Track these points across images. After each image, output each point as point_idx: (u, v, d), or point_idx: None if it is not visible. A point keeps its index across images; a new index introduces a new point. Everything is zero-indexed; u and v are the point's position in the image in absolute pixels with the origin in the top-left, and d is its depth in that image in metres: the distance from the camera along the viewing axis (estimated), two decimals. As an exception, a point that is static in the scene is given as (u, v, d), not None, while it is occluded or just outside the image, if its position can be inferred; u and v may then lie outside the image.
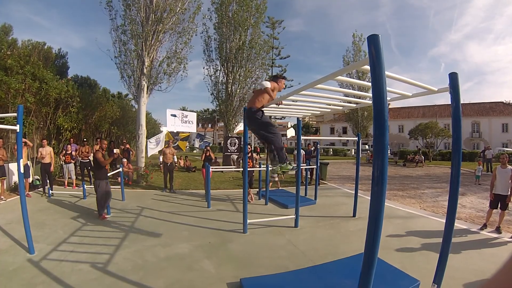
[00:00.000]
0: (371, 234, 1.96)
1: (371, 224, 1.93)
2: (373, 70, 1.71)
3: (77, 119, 12.07)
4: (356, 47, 31.11)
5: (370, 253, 2.01)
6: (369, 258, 2.01)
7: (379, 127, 1.77)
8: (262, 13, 16.35)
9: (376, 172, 1.84)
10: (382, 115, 1.74)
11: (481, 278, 3.76)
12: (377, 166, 1.84)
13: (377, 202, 1.90)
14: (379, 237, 1.98)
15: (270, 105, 3.90)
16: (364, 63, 1.83)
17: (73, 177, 9.35)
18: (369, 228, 1.98)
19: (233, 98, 15.89)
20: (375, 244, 1.97)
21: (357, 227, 5.98)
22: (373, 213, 1.92)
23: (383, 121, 1.75)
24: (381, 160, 1.81)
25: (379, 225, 1.93)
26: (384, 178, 1.86)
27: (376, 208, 1.90)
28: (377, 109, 1.76)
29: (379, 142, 1.80)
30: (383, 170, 1.83)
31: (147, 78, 10.97)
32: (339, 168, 19.80)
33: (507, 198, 5.74)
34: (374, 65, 1.71)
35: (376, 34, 1.70)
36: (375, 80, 1.71)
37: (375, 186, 1.89)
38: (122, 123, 16.67)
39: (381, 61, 1.69)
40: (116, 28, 10.77)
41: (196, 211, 7.04)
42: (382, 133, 1.77)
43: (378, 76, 1.70)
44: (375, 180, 1.87)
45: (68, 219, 5.96)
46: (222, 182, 11.50)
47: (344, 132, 49.89)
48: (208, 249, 4.56)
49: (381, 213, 1.91)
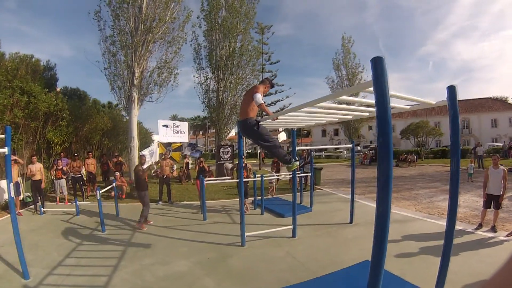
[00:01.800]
0: (378, 242, 1.97)
1: (378, 230, 1.93)
2: (378, 92, 1.70)
3: (67, 133, 11.88)
4: (345, 50, 31.42)
5: (376, 263, 2.00)
6: (376, 268, 2.00)
7: (385, 148, 1.77)
8: (251, 19, 16.39)
9: (382, 177, 1.85)
10: (387, 138, 1.74)
11: (479, 280, 3.77)
12: (382, 179, 1.84)
13: (384, 208, 1.89)
14: (385, 246, 1.98)
15: (265, 120, 3.88)
16: (368, 85, 1.81)
17: (65, 193, 9.15)
18: (375, 236, 1.97)
19: (224, 106, 15.83)
20: (381, 252, 1.96)
21: (355, 234, 5.99)
22: (380, 221, 1.92)
23: (387, 142, 1.76)
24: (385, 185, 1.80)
25: (385, 233, 1.92)
26: (389, 188, 1.87)
27: (382, 216, 1.89)
28: (382, 131, 1.76)
29: (384, 170, 1.79)
30: (388, 184, 1.83)
31: (138, 89, 10.85)
32: (332, 172, 19.82)
33: (499, 197, 5.84)
34: (378, 87, 1.70)
35: (380, 57, 1.69)
36: (380, 103, 1.70)
37: (380, 192, 1.90)
38: (113, 134, 16.45)
39: (385, 83, 1.68)
40: (105, 39, 10.66)
41: (193, 224, 6.96)
42: (387, 156, 1.77)
43: (382, 98, 1.69)
44: (380, 186, 1.88)
45: (62, 239, 5.81)
46: (216, 192, 11.38)
47: (335, 134, 50.11)
48: (207, 266, 4.50)
49: (387, 220, 1.90)
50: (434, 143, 31.71)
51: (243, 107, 3.98)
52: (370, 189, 11.84)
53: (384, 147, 1.78)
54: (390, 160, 1.84)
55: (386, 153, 1.77)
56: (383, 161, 1.80)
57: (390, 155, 1.80)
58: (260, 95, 3.62)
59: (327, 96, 2.19)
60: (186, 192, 11.55)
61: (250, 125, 3.82)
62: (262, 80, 4.12)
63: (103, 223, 6.31)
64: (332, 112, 3.38)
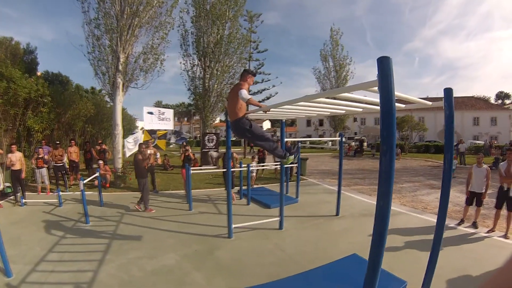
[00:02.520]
0: (377, 238, 2.01)
1: (378, 225, 1.97)
2: (383, 92, 1.65)
3: (48, 119, 11.42)
4: (334, 41, 31.41)
5: (375, 259, 2.02)
6: (374, 265, 2.01)
7: (388, 146, 1.75)
8: (241, 7, 16.04)
9: (384, 172, 1.85)
10: (390, 137, 1.72)
11: (462, 275, 3.91)
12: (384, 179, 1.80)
13: (384, 203, 1.92)
14: (384, 242, 2.00)
15: (257, 111, 3.79)
16: (372, 85, 1.75)
17: (46, 183, 8.78)
18: (375, 231, 2.01)
19: (210, 93, 15.58)
20: (380, 247, 1.99)
21: (342, 227, 6.06)
22: (380, 216, 1.95)
23: (391, 140, 1.73)
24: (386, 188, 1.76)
25: (385, 228, 1.95)
26: (391, 183, 1.87)
27: (383, 211, 1.89)
28: (386, 132, 1.73)
29: (386, 165, 1.76)
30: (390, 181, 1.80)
31: (123, 75, 10.49)
32: (317, 162, 20.00)
33: (482, 195, 6.01)
34: (385, 87, 1.64)
35: (386, 57, 1.63)
36: (385, 105, 1.65)
37: (382, 187, 1.91)
38: (96, 120, 16.00)
39: (391, 83, 1.62)
40: (89, 21, 10.15)
41: (178, 214, 6.85)
42: (390, 158, 1.73)
43: (387, 99, 1.64)
44: (382, 181, 1.89)
45: (45, 233, 5.56)
46: (201, 180, 11.27)
47: (320, 125, 50.48)
48: (195, 259, 4.44)
49: (388, 215, 1.93)
50: (418, 138, 32.44)
51: (230, 108, 3.82)
52: (355, 181, 12.03)
53: (388, 143, 1.78)
54: (393, 156, 1.84)
55: (390, 148, 1.77)
56: (386, 155, 1.80)
57: (393, 151, 1.80)
58: (245, 91, 3.49)
59: (328, 92, 2.11)
60: (171, 180, 11.39)
61: (243, 126, 3.69)
62: (242, 74, 3.96)
63: (87, 215, 6.10)
64: (325, 107, 3.32)
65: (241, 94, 3.42)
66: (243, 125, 3.66)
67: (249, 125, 3.68)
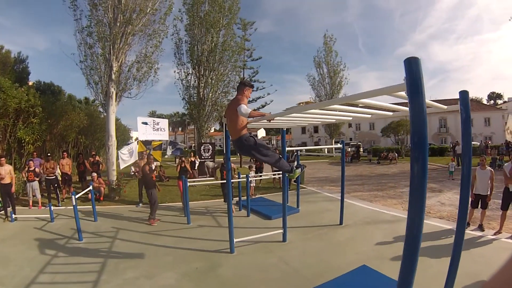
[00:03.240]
0: (408, 259, 1.77)
1: (409, 242, 1.75)
2: (413, 97, 1.48)
3: (40, 131, 11.07)
4: (327, 48, 31.59)
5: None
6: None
7: (421, 152, 1.59)
8: (235, 14, 16.02)
9: (416, 178, 1.68)
10: (422, 145, 1.56)
11: (475, 281, 3.74)
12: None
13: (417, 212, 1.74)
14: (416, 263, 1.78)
15: (261, 121, 3.59)
16: (399, 89, 1.58)
17: (38, 196, 8.41)
18: (406, 249, 1.79)
19: (205, 102, 15.43)
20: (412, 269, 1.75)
21: (347, 237, 5.85)
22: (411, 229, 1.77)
23: (424, 148, 1.59)
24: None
25: (417, 246, 1.74)
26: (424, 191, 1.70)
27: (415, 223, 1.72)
28: (418, 139, 1.57)
29: (418, 171, 1.62)
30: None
31: (116, 84, 10.25)
32: (314, 169, 19.82)
33: (487, 197, 5.94)
34: (415, 90, 1.47)
35: (415, 57, 1.46)
36: (415, 110, 1.49)
37: (413, 194, 1.75)
38: (90, 131, 15.64)
39: (421, 86, 1.46)
40: (81, 29, 9.96)
41: (176, 229, 6.58)
42: (423, 166, 1.57)
43: (418, 103, 1.48)
44: (413, 188, 1.73)
45: (36, 251, 5.22)
46: (198, 191, 11.00)
47: (315, 131, 50.51)
48: (196, 277, 4.17)
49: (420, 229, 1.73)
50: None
51: (231, 125, 3.64)
52: (354, 188, 11.87)
53: (420, 148, 1.61)
54: (425, 162, 1.65)
55: (422, 155, 1.60)
56: (418, 162, 1.63)
57: (425, 158, 1.62)
58: (244, 105, 3.31)
59: (347, 97, 1.94)
60: (167, 192, 11.08)
61: (247, 144, 3.50)
62: (238, 88, 3.79)
63: (80, 231, 5.78)
64: (337, 114, 3.14)
65: (240, 111, 3.23)
66: (247, 142, 3.48)
67: (254, 143, 3.48)
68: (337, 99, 1.97)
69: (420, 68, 1.49)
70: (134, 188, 10.38)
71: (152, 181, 7.17)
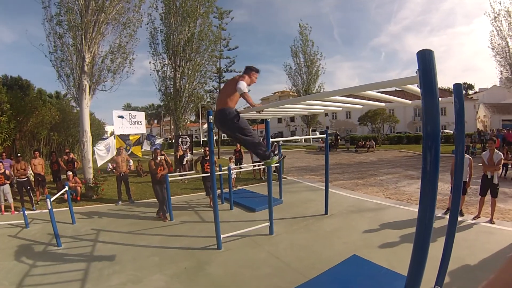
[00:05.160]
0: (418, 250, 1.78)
1: (420, 234, 1.73)
2: (426, 90, 1.40)
3: (8, 129, 10.33)
4: (303, 37, 31.50)
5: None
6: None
7: (434, 142, 1.53)
8: (212, 3, 15.56)
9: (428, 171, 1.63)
10: (435, 135, 1.50)
11: (461, 265, 3.89)
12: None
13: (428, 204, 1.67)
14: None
15: (250, 111, 3.45)
16: (411, 81, 1.50)
17: (10, 201, 7.81)
18: (416, 241, 1.81)
19: (182, 93, 14.98)
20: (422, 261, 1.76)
21: (333, 227, 5.87)
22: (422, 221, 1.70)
23: (436, 139, 1.53)
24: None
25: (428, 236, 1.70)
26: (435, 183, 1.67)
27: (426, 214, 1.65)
28: (431, 129, 1.51)
29: (431, 163, 1.57)
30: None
31: (89, 77, 9.65)
32: (292, 159, 19.97)
33: (466, 184, 6.11)
34: (428, 83, 1.39)
35: (429, 50, 1.39)
36: (428, 103, 1.42)
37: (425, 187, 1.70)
38: (63, 127, 14.87)
39: (435, 78, 1.38)
40: (50, 18, 9.24)
41: (159, 226, 6.36)
42: (436, 157, 1.49)
43: (431, 96, 1.41)
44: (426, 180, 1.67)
45: (12, 261, 4.78)
46: (178, 186, 10.76)
47: (291, 121, 50.91)
48: (186, 278, 4.00)
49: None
50: (389, 130, 33.54)
51: (221, 97, 3.52)
52: (335, 176, 12.01)
53: (432, 140, 1.55)
54: (438, 152, 1.61)
55: (435, 146, 1.54)
56: (431, 151, 1.59)
57: (438, 149, 1.58)
58: (245, 83, 3.18)
59: (346, 89, 1.83)
60: (146, 188, 10.72)
61: (229, 116, 3.36)
62: (244, 70, 3.66)
63: (58, 236, 5.39)
64: (324, 104, 3.05)
65: (239, 84, 3.12)
66: (229, 114, 3.35)
67: (236, 117, 3.36)
68: (340, 90, 1.86)
69: (434, 60, 1.43)
70: (112, 185, 9.95)
71: (155, 177, 6.91)
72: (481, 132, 22.38)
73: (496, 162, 5.86)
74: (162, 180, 6.94)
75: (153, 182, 6.96)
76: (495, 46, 18.86)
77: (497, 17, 18.25)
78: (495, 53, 18.98)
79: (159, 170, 6.89)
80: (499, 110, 36.84)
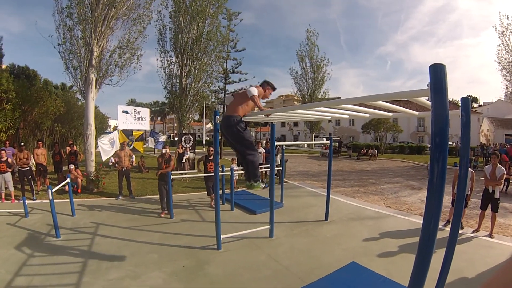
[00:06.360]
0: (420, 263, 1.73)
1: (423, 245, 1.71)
2: (437, 104, 1.42)
3: (13, 118, 10.38)
4: (310, 42, 31.63)
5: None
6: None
7: (441, 153, 1.54)
8: (222, 3, 15.63)
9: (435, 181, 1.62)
10: (443, 146, 1.52)
11: (459, 277, 3.87)
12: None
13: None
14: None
15: (258, 114, 3.47)
16: (422, 94, 1.52)
17: (11, 189, 7.83)
18: (419, 254, 1.76)
19: (187, 92, 15.05)
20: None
21: (333, 233, 5.87)
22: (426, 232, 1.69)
23: (444, 151, 1.54)
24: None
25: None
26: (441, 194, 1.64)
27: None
28: (440, 140, 1.55)
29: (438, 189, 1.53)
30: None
31: (96, 70, 9.68)
32: (294, 163, 19.95)
33: (467, 197, 6.10)
34: (438, 97, 1.42)
35: (441, 64, 1.40)
36: (439, 119, 1.44)
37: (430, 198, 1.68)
38: (67, 119, 14.91)
39: (445, 93, 1.40)
40: (61, 10, 9.27)
41: (159, 223, 6.38)
42: (443, 169, 1.51)
43: (441, 111, 1.43)
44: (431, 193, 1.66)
45: (10, 250, 4.79)
46: (179, 184, 10.76)
47: (295, 125, 50.95)
48: (184, 276, 4.01)
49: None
50: (392, 139, 33.51)
51: (233, 104, 3.55)
52: (336, 183, 11.99)
53: (440, 151, 1.57)
54: (445, 164, 1.61)
55: (443, 157, 1.55)
56: (438, 163, 1.59)
57: (445, 161, 1.58)
58: (257, 91, 3.23)
59: (357, 98, 1.84)
60: (147, 184, 10.75)
61: (235, 123, 3.40)
62: (263, 82, 3.74)
63: (57, 227, 5.40)
64: (332, 111, 3.06)
65: (250, 89, 3.19)
66: (236, 121, 3.40)
67: (243, 127, 3.40)
68: (352, 99, 1.88)
69: (445, 74, 1.45)
70: (114, 179, 9.98)
71: (163, 174, 7.03)
72: (484, 146, 22.30)
73: (499, 177, 5.85)
74: (165, 176, 7.01)
75: (159, 177, 7.08)
76: (501, 60, 18.84)
77: (504, 32, 18.26)
78: (502, 67, 18.96)
79: (164, 166, 7.07)
80: (503, 125, 36.69)
